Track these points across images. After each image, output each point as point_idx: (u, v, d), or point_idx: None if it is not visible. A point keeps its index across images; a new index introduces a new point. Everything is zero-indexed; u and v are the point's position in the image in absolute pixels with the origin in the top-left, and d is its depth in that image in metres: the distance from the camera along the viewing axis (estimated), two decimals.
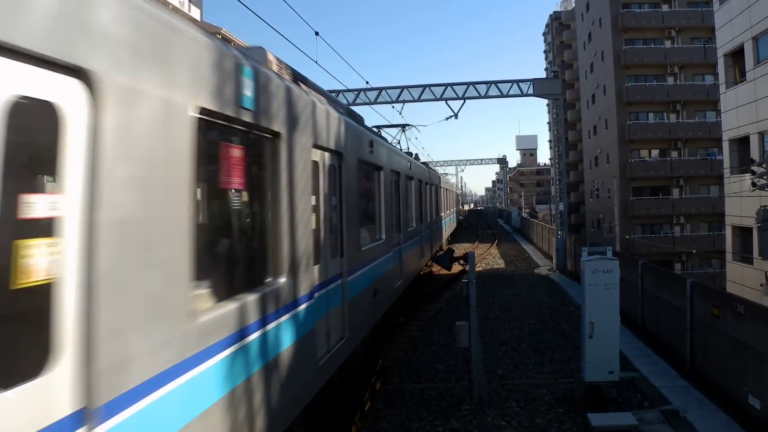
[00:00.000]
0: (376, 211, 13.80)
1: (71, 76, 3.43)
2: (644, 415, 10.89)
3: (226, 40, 64.48)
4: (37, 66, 3.20)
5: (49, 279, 3.27)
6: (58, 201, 3.36)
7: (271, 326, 6.27)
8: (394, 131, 30.24)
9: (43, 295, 3.23)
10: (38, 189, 3.33)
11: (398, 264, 16.50)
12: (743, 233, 31.16)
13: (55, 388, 3.26)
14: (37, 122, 3.30)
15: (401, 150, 22.94)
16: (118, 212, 3.76)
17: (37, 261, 3.21)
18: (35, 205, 3.22)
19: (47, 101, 3.30)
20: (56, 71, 3.33)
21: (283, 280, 6.75)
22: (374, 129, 17.53)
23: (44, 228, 3.27)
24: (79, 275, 3.46)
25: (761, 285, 27.12)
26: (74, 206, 3.45)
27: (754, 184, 25.33)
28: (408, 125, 15.90)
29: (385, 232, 14.08)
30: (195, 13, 70.77)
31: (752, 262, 29.47)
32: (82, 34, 3.46)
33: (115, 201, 3.74)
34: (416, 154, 30.94)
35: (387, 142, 16.55)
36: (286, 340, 6.79)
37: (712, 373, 12.60)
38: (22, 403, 3.03)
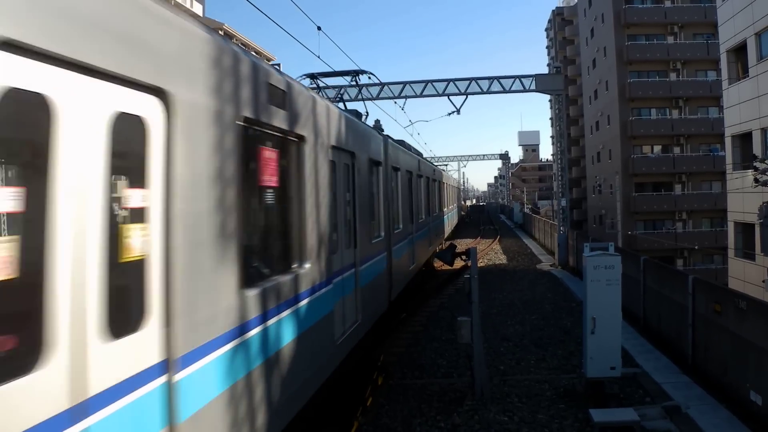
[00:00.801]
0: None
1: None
2: (646, 410, 10.91)
3: (228, 35, 64.41)
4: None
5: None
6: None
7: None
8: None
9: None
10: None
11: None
12: (745, 229, 31.14)
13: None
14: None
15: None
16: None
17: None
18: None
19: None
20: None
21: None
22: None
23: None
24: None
25: (763, 281, 27.07)
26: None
27: (756, 180, 25.33)
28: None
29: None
30: (197, 8, 70.74)
31: (754, 258, 29.46)
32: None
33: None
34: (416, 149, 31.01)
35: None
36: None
37: (714, 369, 12.61)
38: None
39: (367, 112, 16.74)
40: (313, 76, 17.31)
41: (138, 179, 4.22)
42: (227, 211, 5.31)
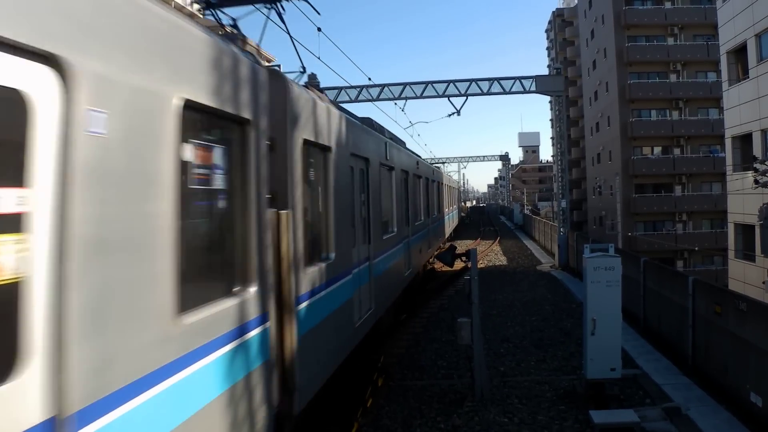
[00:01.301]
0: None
1: None
2: (646, 412, 10.91)
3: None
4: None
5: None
6: None
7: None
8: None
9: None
10: None
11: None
12: (745, 230, 31.12)
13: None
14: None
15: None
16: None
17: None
18: None
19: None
20: None
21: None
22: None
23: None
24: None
25: (763, 282, 27.07)
26: None
27: (756, 182, 25.30)
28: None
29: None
30: (196, 8, 70.54)
31: (754, 259, 29.45)
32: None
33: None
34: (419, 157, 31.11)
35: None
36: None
37: (714, 370, 12.60)
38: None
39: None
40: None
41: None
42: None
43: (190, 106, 4.59)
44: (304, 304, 7.21)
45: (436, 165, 52.32)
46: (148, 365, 3.95)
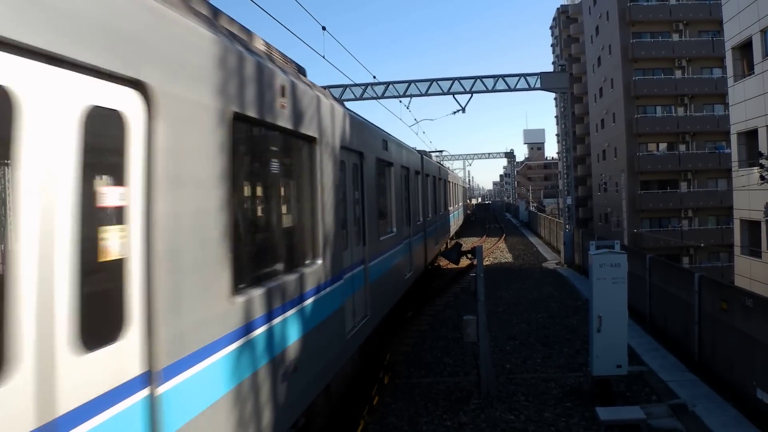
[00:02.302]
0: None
1: None
2: (652, 409, 10.91)
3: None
4: None
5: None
6: None
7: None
8: None
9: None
10: None
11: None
12: (751, 227, 31.04)
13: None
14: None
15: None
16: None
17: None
18: None
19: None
20: None
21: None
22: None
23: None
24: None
25: None
26: None
27: (762, 178, 25.26)
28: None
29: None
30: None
31: (761, 255, 29.38)
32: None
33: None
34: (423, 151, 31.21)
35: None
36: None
37: (721, 367, 12.59)
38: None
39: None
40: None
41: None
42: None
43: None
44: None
45: (441, 162, 52.42)
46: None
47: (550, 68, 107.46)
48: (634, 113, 58.54)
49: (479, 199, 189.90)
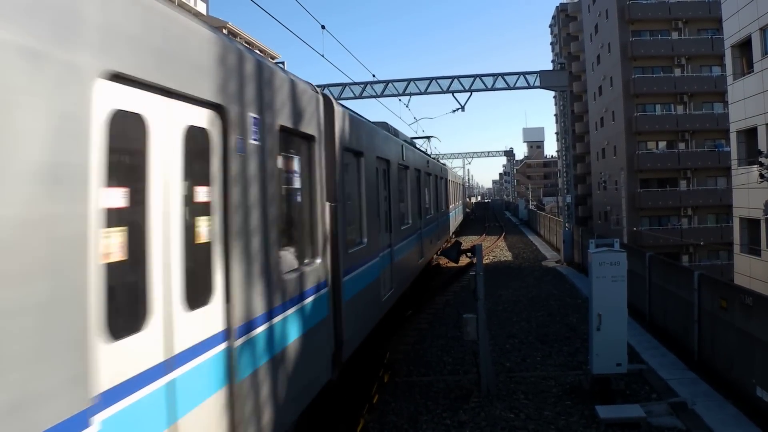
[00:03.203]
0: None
1: None
2: (652, 407, 10.92)
3: (231, 34, 64.43)
4: None
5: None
6: None
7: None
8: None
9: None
10: None
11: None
12: (751, 225, 31.07)
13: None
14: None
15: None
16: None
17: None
18: None
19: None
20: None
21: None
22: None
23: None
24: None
25: None
26: None
27: (761, 176, 25.28)
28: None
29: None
30: (201, 7, 70.77)
31: (760, 254, 29.41)
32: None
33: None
34: (425, 150, 31.38)
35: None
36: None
37: (720, 365, 12.60)
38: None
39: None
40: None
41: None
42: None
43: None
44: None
45: (442, 162, 52.34)
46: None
47: (549, 66, 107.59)
48: (633, 111, 58.57)
49: (479, 198, 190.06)
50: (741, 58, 32.14)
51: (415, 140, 31.38)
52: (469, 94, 34.26)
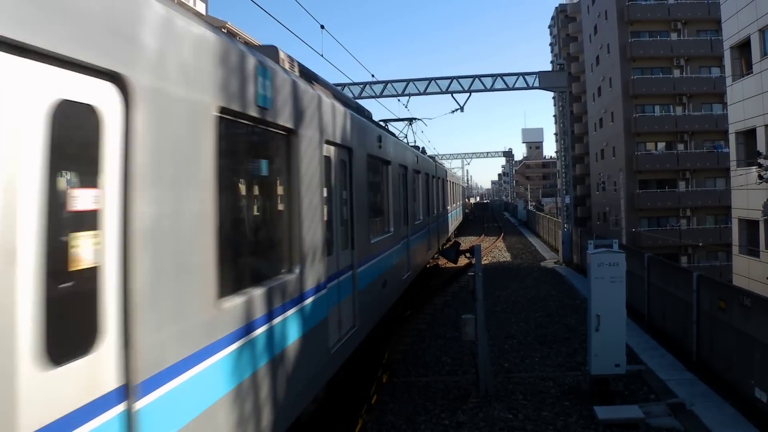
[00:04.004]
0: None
1: None
2: (651, 407, 10.91)
3: (231, 34, 64.50)
4: None
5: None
6: None
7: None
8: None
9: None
10: None
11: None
12: (750, 226, 31.09)
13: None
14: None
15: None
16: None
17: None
18: None
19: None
20: None
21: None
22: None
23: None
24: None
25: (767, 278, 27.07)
26: None
27: (760, 177, 25.30)
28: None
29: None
30: (200, 7, 70.73)
31: (759, 255, 29.42)
32: None
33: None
34: (423, 148, 31.37)
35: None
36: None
37: (719, 366, 12.60)
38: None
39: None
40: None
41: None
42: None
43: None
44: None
45: (440, 162, 52.52)
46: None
47: (548, 67, 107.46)
48: (632, 112, 58.62)
49: (478, 198, 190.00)
50: (740, 59, 32.15)
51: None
52: (468, 94, 34.27)
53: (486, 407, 11.41)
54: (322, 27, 17.06)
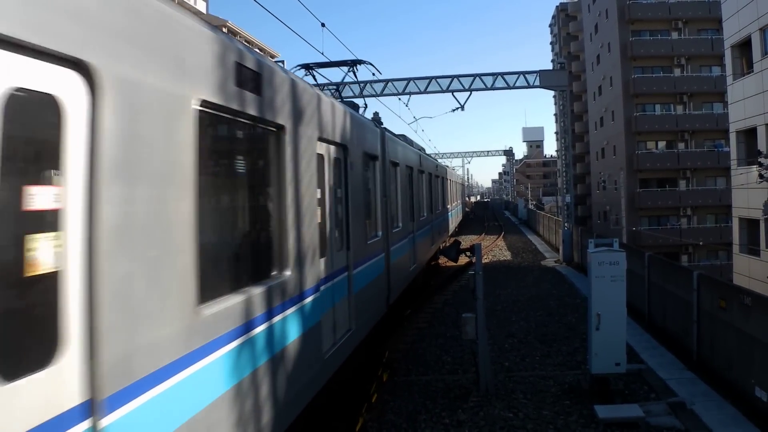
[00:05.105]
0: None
1: None
2: (651, 407, 10.91)
3: (231, 33, 64.31)
4: None
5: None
6: None
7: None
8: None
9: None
10: None
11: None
12: (750, 225, 31.09)
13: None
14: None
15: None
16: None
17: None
18: None
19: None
20: None
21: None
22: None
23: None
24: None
25: None
26: None
27: (761, 176, 25.29)
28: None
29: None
30: (201, 6, 70.77)
31: (759, 254, 29.42)
32: None
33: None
34: (418, 144, 31.47)
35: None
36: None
37: (719, 365, 12.60)
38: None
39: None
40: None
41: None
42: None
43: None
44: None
45: (441, 160, 52.56)
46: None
47: (549, 66, 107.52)
48: (633, 111, 58.60)
49: (478, 197, 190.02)
50: (741, 59, 32.15)
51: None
52: (468, 93, 34.23)
53: (486, 406, 11.41)
54: (323, 25, 17.05)
